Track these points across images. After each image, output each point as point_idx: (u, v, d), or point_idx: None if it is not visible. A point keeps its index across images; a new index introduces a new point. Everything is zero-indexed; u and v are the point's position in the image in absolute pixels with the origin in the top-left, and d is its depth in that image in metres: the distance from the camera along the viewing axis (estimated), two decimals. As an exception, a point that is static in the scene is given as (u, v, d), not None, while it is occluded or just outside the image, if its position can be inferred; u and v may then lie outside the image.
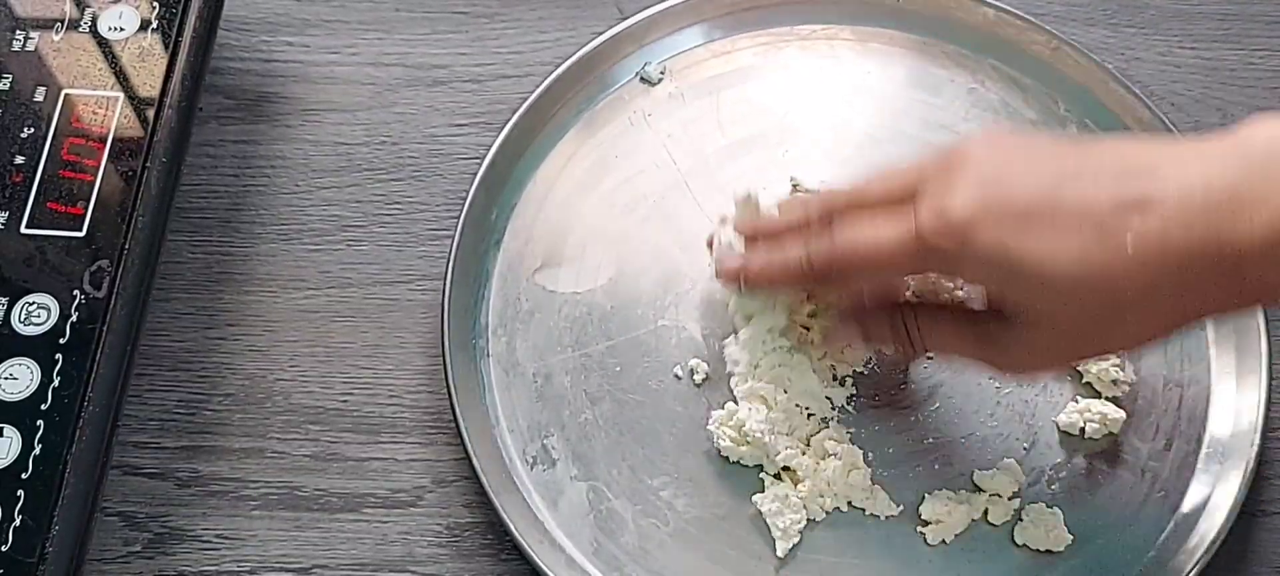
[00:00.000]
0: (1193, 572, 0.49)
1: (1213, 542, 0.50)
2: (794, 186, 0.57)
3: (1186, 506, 0.51)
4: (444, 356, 0.52)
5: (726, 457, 0.52)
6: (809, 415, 0.52)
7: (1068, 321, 0.44)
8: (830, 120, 0.60)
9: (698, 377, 0.53)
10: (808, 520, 0.50)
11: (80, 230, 0.50)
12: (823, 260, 0.47)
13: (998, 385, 0.53)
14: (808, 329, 0.53)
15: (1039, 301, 0.43)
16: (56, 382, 0.47)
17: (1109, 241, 0.41)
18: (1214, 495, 0.51)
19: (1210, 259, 0.41)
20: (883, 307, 0.50)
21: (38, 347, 0.48)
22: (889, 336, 0.49)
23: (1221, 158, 0.42)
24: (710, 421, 0.52)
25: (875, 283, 0.49)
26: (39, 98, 0.53)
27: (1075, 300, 0.43)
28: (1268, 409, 0.52)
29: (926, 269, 0.46)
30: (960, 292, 0.49)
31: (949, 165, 0.45)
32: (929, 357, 0.53)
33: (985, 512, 0.51)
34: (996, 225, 0.43)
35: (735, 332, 0.53)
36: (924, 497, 0.51)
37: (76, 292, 0.49)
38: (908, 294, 0.50)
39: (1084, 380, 0.53)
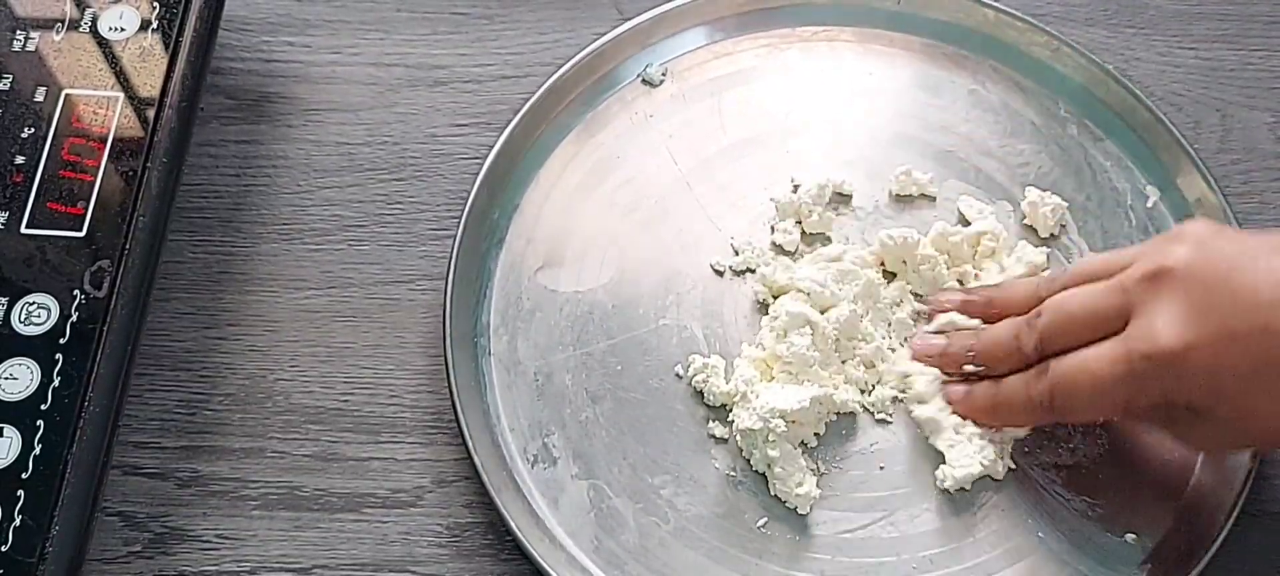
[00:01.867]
0: (1194, 572, 0.49)
1: (1214, 542, 0.50)
2: (794, 188, 0.57)
3: (1187, 505, 0.51)
4: (445, 354, 0.52)
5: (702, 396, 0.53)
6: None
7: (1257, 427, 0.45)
8: (831, 121, 0.60)
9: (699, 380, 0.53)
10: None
11: (80, 230, 0.50)
12: (1044, 399, 0.48)
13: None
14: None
15: (1242, 405, 0.45)
16: (56, 382, 0.47)
17: None
18: (1215, 494, 0.51)
19: None
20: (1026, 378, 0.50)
21: (38, 347, 0.48)
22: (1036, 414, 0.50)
23: None
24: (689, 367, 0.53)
25: (1093, 417, 0.50)
26: (39, 98, 0.53)
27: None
28: (1262, 450, 0.52)
29: (1142, 394, 0.46)
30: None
31: (1156, 282, 0.45)
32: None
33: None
34: (1211, 353, 0.43)
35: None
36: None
37: (77, 292, 0.49)
38: None
39: None
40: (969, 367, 0.52)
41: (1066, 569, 0.50)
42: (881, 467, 0.52)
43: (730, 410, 0.53)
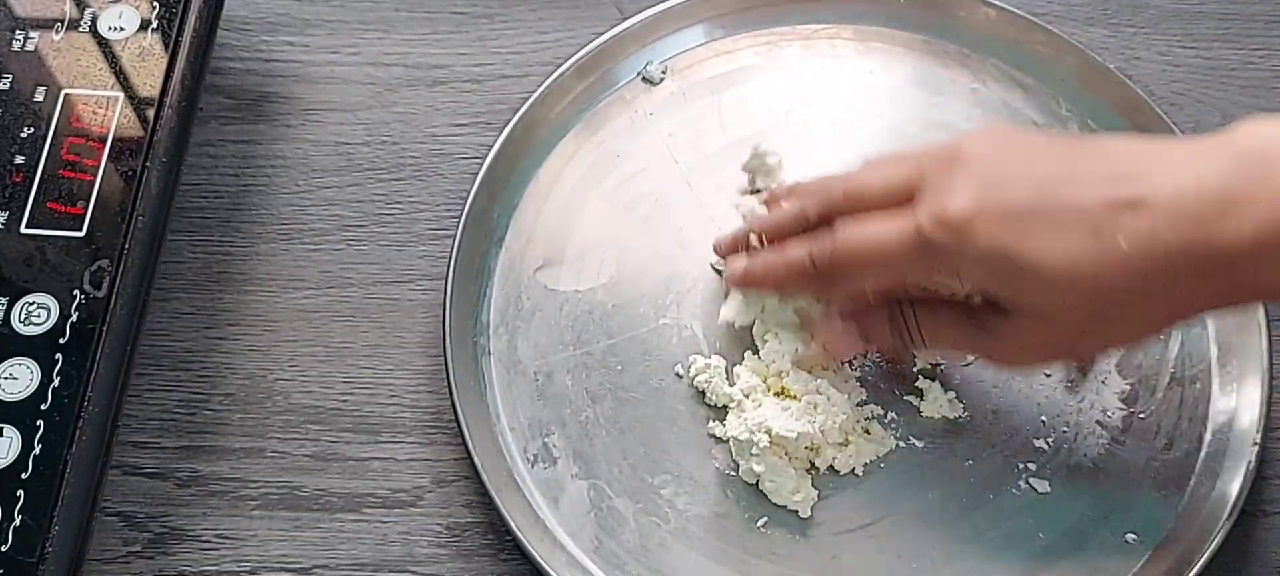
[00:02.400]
0: (1193, 572, 0.49)
1: (1215, 542, 0.50)
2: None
3: (1188, 505, 0.51)
4: (445, 354, 0.52)
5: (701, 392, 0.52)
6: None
7: (1063, 317, 0.45)
8: (832, 120, 0.60)
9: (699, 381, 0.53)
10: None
11: (80, 230, 0.50)
12: (826, 260, 0.48)
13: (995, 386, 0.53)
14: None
15: (1035, 298, 0.44)
16: (56, 382, 0.47)
17: (1103, 241, 0.42)
18: (1215, 494, 0.51)
19: (1201, 258, 0.42)
20: (881, 305, 0.50)
21: (38, 347, 0.48)
22: (888, 333, 0.50)
23: (1213, 158, 0.42)
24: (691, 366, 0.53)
25: (878, 282, 0.49)
26: (39, 98, 0.53)
27: (1070, 297, 0.44)
28: (1268, 408, 0.52)
29: (927, 267, 0.47)
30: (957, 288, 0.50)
31: (948, 163, 0.45)
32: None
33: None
34: (995, 225, 0.44)
35: (749, 353, 0.53)
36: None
37: (76, 292, 0.49)
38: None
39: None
40: (753, 241, 0.52)
41: (1066, 569, 0.50)
42: (882, 466, 0.52)
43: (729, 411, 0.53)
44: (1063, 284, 0.43)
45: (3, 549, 0.44)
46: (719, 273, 0.56)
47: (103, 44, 0.55)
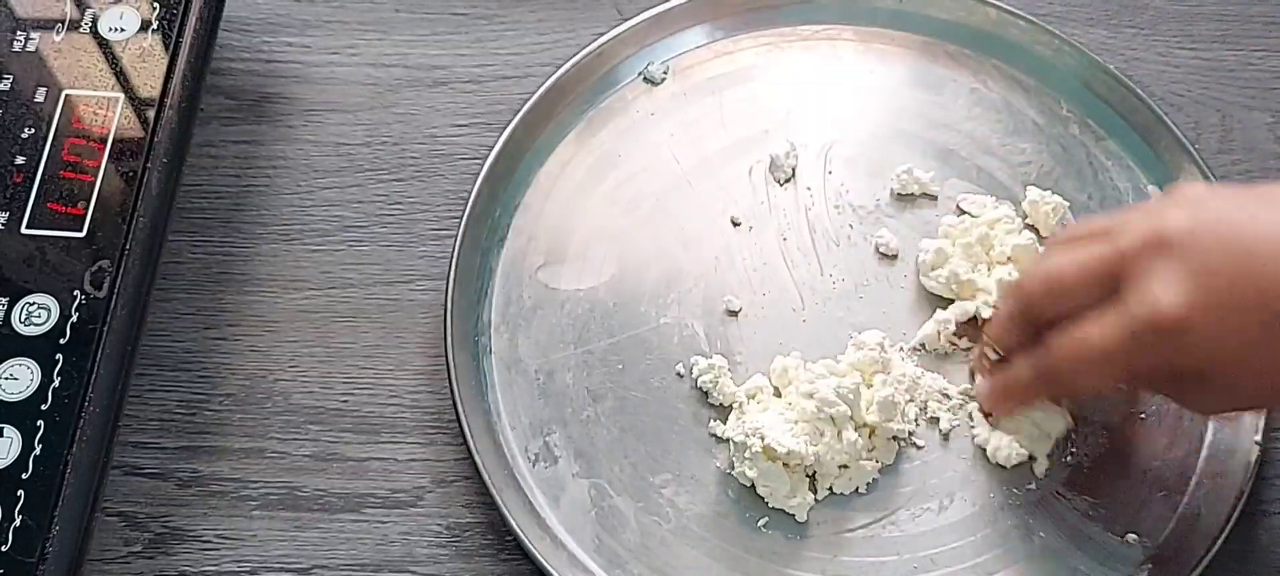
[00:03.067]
0: (1193, 573, 0.49)
1: (1215, 542, 0.50)
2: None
3: (1188, 505, 0.51)
4: (446, 352, 0.52)
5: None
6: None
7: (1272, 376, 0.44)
8: (832, 120, 0.60)
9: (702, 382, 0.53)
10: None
11: (81, 230, 0.50)
12: (1049, 376, 0.48)
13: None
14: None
15: (1249, 372, 0.44)
16: (56, 382, 0.47)
17: None
18: (1216, 494, 0.51)
19: None
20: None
21: (38, 347, 0.48)
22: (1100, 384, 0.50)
23: None
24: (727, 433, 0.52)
25: (1099, 388, 0.50)
26: (40, 98, 0.53)
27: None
28: (1269, 408, 0.52)
29: (1144, 364, 0.45)
30: None
31: (1153, 250, 0.44)
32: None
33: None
34: (1211, 320, 0.42)
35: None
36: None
37: (77, 293, 0.49)
38: None
39: None
40: (991, 355, 0.52)
41: (1066, 569, 0.50)
42: (882, 467, 0.52)
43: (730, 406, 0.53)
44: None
45: (3, 549, 0.44)
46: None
47: (103, 45, 0.55)
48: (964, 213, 0.57)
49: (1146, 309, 0.43)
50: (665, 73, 0.61)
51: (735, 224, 0.57)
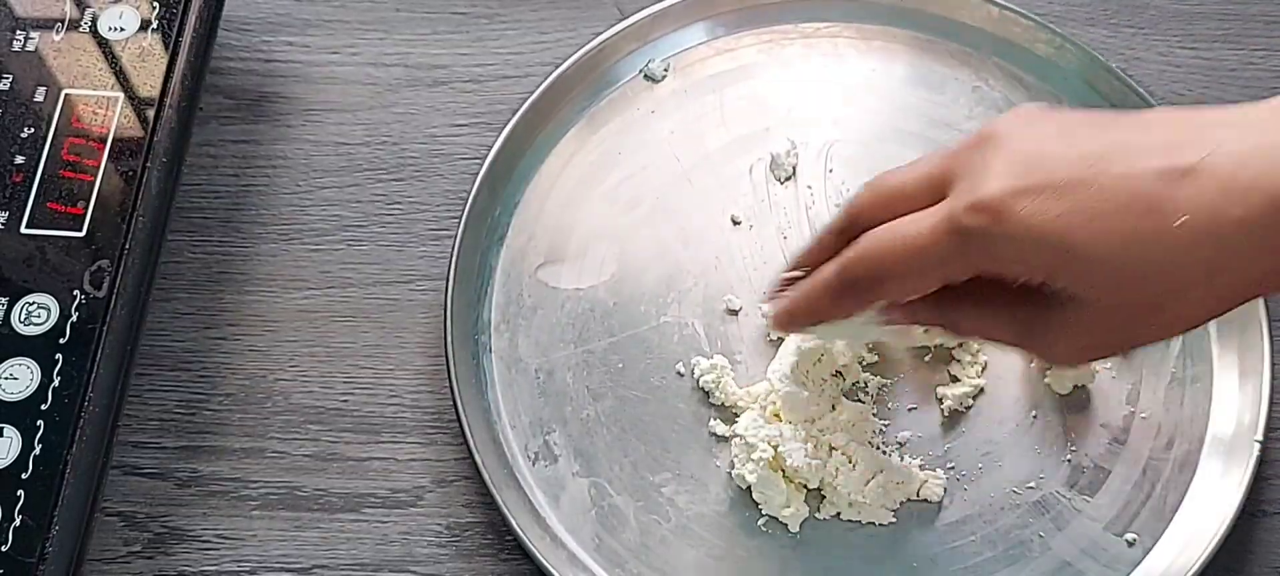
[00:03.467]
0: (1193, 573, 0.49)
1: (1215, 542, 0.50)
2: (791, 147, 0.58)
3: (1188, 505, 0.51)
4: (446, 351, 0.52)
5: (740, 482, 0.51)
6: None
7: (1117, 304, 0.41)
8: (833, 118, 0.60)
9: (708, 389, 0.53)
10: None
11: (80, 230, 0.50)
12: (853, 269, 0.44)
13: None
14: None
15: (1085, 284, 0.41)
16: (56, 382, 0.47)
17: (1158, 216, 0.39)
18: (1216, 494, 0.51)
19: (1269, 224, 0.38)
20: (930, 300, 0.45)
21: (38, 347, 0.48)
22: (935, 319, 0.46)
23: (1268, 119, 0.39)
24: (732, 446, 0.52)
25: (915, 288, 0.44)
26: (39, 98, 0.53)
27: (1125, 282, 0.40)
28: (1269, 408, 0.52)
29: (965, 260, 0.42)
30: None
31: (980, 145, 0.42)
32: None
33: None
34: (1036, 203, 0.40)
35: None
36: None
37: (76, 292, 0.49)
38: None
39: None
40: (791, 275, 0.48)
41: (1067, 569, 0.50)
42: (881, 469, 0.52)
43: (736, 411, 0.52)
44: (1115, 267, 0.39)
45: (3, 549, 0.44)
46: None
47: (103, 44, 0.55)
48: None
49: (971, 194, 0.41)
50: (666, 70, 0.60)
51: (736, 222, 0.57)
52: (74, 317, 0.48)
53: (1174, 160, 0.39)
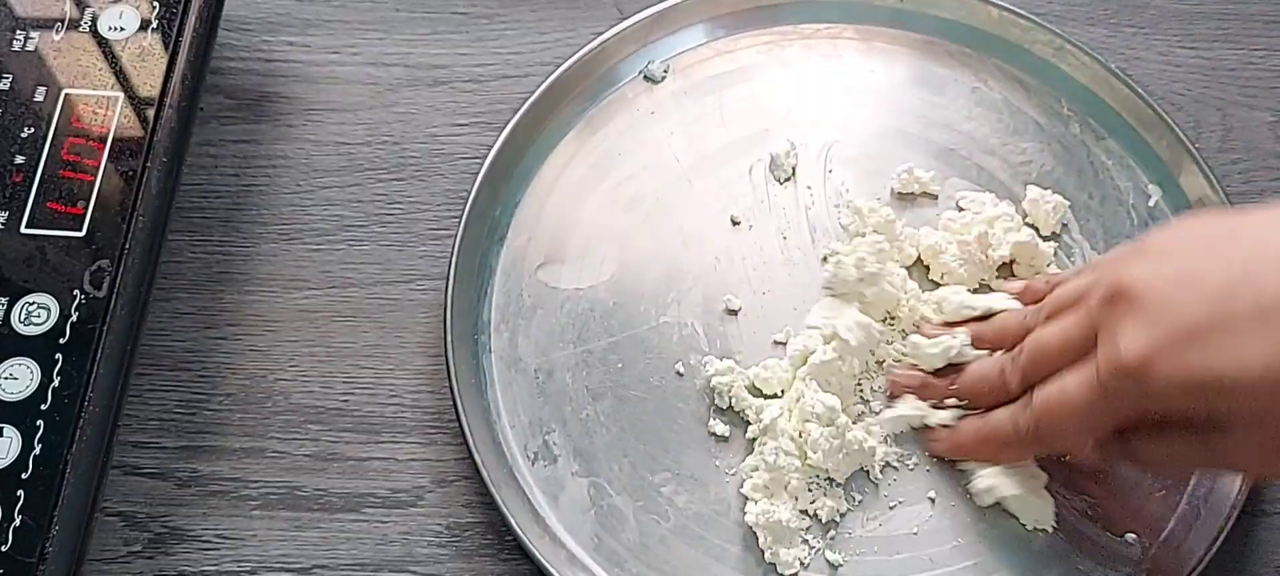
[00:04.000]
0: (1194, 572, 0.49)
1: (1214, 542, 0.50)
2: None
3: (1186, 505, 0.51)
4: (446, 351, 0.52)
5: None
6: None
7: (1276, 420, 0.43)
8: (833, 119, 0.60)
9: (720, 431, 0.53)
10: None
11: (80, 230, 0.50)
12: (1031, 431, 0.48)
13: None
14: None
15: (1245, 409, 0.43)
16: (56, 382, 0.47)
17: None
18: (1215, 494, 0.51)
19: None
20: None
21: (38, 347, 0.48)
22: (1122, 455, 0.48)
23: None
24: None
25: (1089, 434, 0.48)
26: (39, 97, 0.53)
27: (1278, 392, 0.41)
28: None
29: (1123, 414, 0.45)
30: None
31: (1114, 300, 0.44)
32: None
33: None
34: (1173, 358, 0.42)
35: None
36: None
37: (76, 292, 0.49)
38: None
39: None
40: (950, 403, 0.52)
41: (1066, 569, 0.50)
42: (882, 470, 0.52)
43: (746, 416, 0.52)
44: (1267, 387, 0.41)
45: (3, 549, 0.44)
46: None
47: (103, 44, 0.55)
48: (963, 210, 0.57)
49: (1109, 358, 0.44)
50: (665, 71, 0.61)
51: (735, 223, 0.57)
52: (74, 317, 0.48)
53: None
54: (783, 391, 0.53)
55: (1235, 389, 0.42)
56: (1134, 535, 0.51)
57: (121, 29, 0.55)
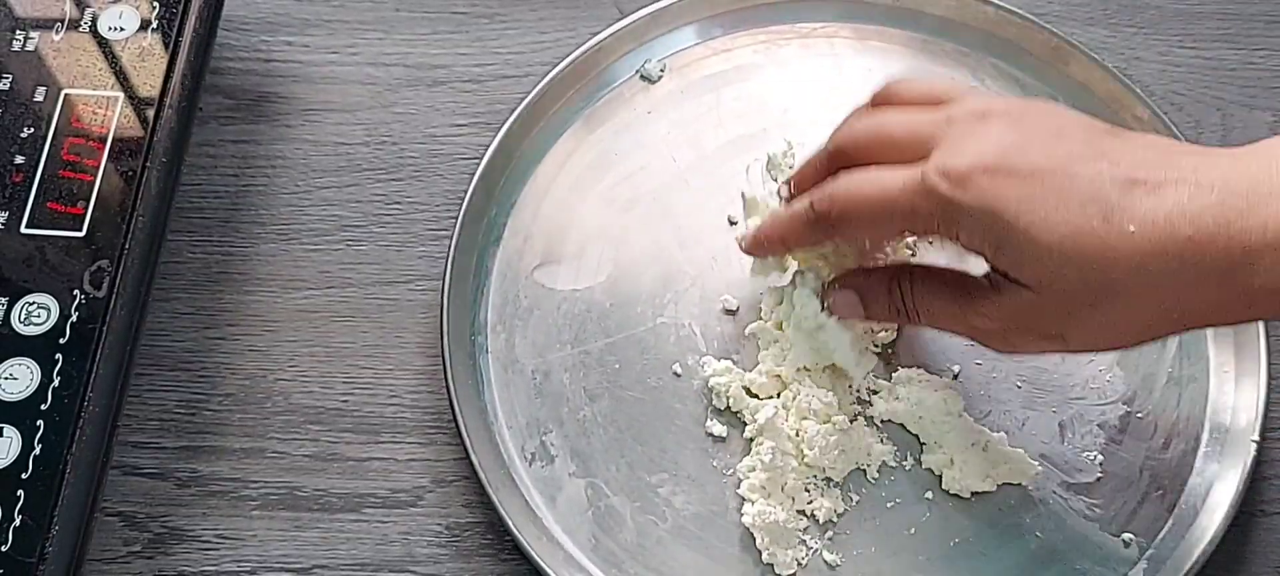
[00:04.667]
0: (1192, 572, 0.49)
1: (1212, 542, 0.50)
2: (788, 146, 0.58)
3: (1185, 505, 0.51)
4: (443, 352, 0.52)
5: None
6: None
7: (1054, 296, 0.43)
8: (830, 118, 0.59)
9: (718, 432, 0.53)
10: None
11: (80, 230, 0.50)
12: (825, 205, 0.47)
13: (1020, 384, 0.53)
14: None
15: (1025, 267, 0.43)
16: (56, 382, 0.47)
17: (1110, 220, 0.41)
18: (1213, 494, 0.51)
19: (1216, 252, 0.40)
20: (880, 271, 0.49)
21: (38, 347, 0.48)
22: (885, 303, 0.48)
23: (1245, 158, 0.41)
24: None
25: (876, 233, 0.48)
26: (39, 98, 0.53)
27: (1064, 272, 0.42)
28: (1266, 408, 0.52)
29: (926, 219, 0.44)
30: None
31: (972, 119, 0.44)
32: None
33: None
34: (997, 181, 0.42)
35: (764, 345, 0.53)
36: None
37: (76, 292, 0.49)
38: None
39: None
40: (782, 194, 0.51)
41: (1064, 569, 0.50)
42: (879, 470, 0.52)
43: (743, 416, 0.52)
44: (1057, 255, 0.41)
45: (3, 549, 0.44)
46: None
47: (103, 44, 0.55)
48: None
49: (942, 160, 0.43)
50: (662, 71, 0.61)
51: (732, 223, 0.57)
52: (74, 317, 0.49)
53: (1138, 174, 0.41)
54: (779, 393, 0.53)
55: (1028, 242, 0.42)
56: (1131, 535, 0.51)
57: (121, 29, 0.55)
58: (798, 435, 0.51)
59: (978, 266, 0.46)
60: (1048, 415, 0.53)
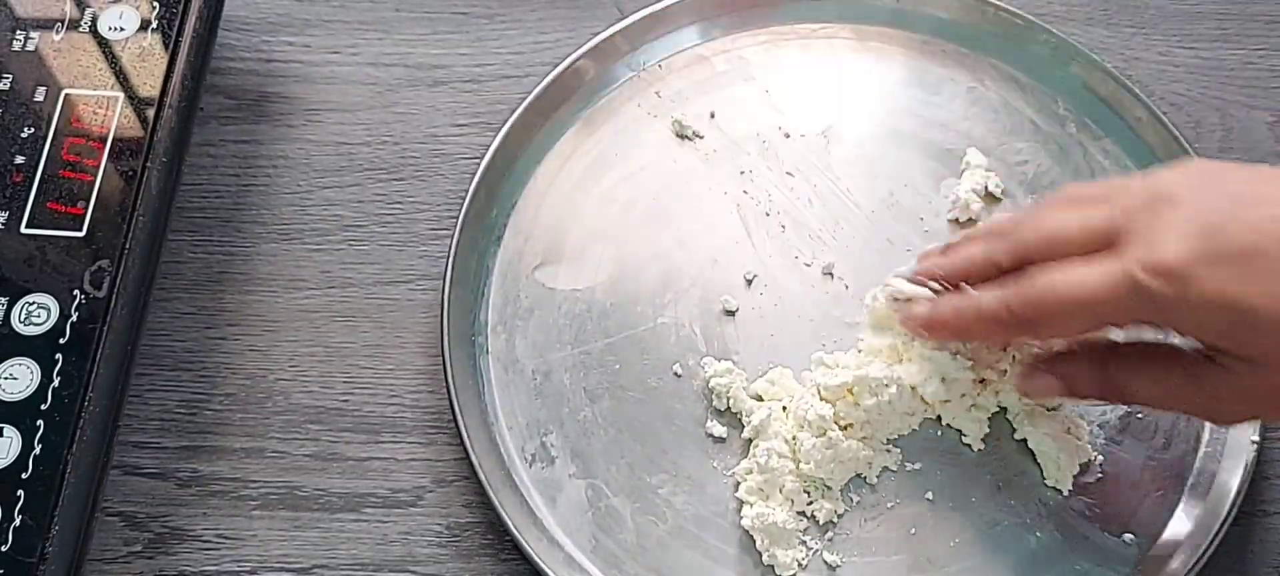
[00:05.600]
0: (1192, 572, 0.49)
1: (1212, 542, 0.50)
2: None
3: (1184, 505, 0.51)
4: (443, 353, 0.52)
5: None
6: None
7: None
8: (830, 119, 0.60)
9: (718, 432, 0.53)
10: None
11: (80, 230, 0.50)
12: (1024, 308, 0.45)
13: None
14: (983, 382, 0.52)
15: (1264, 349, 0.41)
16: (56, 382, 0.47)
17: None
18: (1212, 495, 0.51)
19: None
20: (1083, 354, 0.47)
21: (38, 347, 0.48)
22: (1091, 386, 0.47)
23: None
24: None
25: (1078, 331, 0.46)
26: (39, 98, 0.53)
27: None
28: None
29: (1137, 317, 0.44)
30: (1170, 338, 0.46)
31: (1155, 204, 0.43)
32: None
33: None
34: (1218, 271, 0.41)
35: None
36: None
37: (77, 292, 0.49)
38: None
39: None
40: (933, 285, 0.49)
41: (1064, 569, 0.50)
42: (878, 474, 0.52)
43: (743, 418, 0.52)
44: None
45: (3, 549, 0.44)
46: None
47: (103, 44, 0.55)
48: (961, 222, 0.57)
49: (1146, 256, 0.42)
50: (662, 71, 0.60)
51: (732, 223, 0.57)
52: (74, 317, 0.49)
53: None
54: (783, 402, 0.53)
55: (1266, 326, 0.40)
56: (1132, 535, 0.51)
57: (121, 29, 0.55)
58: (794, 440, 0.51)
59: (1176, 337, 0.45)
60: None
